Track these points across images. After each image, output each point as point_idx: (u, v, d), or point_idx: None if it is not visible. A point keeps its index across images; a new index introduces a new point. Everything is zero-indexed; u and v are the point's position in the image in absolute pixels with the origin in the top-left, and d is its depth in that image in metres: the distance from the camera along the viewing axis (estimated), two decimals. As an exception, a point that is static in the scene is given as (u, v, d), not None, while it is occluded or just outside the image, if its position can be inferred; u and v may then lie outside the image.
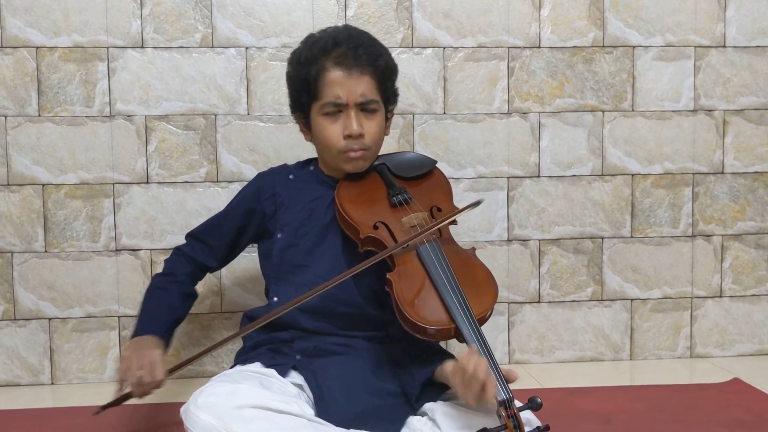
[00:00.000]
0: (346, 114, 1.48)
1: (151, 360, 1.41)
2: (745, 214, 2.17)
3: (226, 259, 1.70)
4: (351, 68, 1.46)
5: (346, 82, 1.46)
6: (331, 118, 1.49)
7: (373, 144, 1.52)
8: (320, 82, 1.47)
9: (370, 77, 1.49)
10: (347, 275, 1.38)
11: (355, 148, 1.49)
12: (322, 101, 1.49)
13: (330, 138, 1.50)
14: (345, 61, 1.47)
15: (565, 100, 2.10)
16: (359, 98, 1.48)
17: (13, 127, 1.98)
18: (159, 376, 1.40)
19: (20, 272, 2.00)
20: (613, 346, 2.16)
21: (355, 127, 1.47)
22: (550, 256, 2.12)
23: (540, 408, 1.21)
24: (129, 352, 1.44)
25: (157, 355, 1.42)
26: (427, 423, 1.34)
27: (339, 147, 1.50)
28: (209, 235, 1.66)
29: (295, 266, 1.53)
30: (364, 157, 1.52)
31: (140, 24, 1.99)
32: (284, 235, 1.56)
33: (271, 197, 1.61)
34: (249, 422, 1.21)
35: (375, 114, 1.51)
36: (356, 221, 1.46)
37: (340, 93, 1.47)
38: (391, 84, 1.57)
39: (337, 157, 1.52)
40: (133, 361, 1.41)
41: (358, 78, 1.47)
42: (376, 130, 1.52)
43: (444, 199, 1.56)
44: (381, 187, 1.55)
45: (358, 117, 1.48)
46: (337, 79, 1.47)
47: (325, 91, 1.47)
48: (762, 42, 2.14)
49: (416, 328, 1.32)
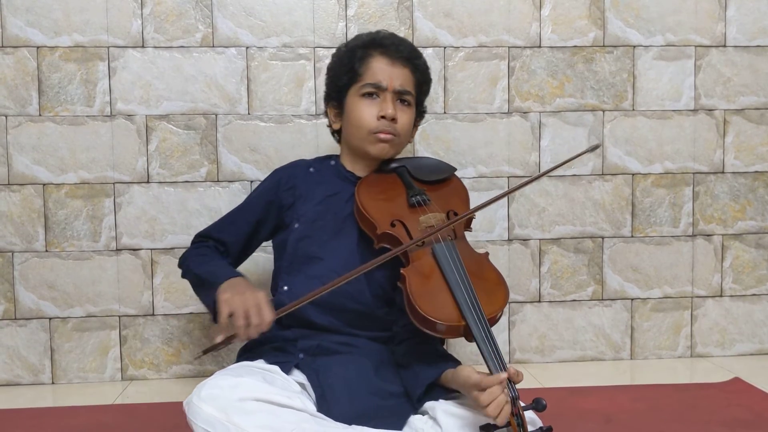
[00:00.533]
0: (383, 98, 1.56)
1: (256, 301, 1.35)
2: (745, 213, 2.17)
3: (240, 255, 1.69)
4: (395, 59, 1.57)
5: (389, 69, 1.56)
6: (369, 100, 1.56)
7: (402, 133, 1.58)
8: (364, 65, 1.57)
9: (411, 72, 1.59)
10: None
11: (386, 130, 1.55)
12: (362, 82, 1.56)
13: (364, 118, 1.56)
14: (389, 52, 1.57)
15: (566, 99, 2.10)
16: (398, 86, 1.56)
17: (14, 126, 1.97)
18: (268, 316, 1.34)
19: (21, 272, 2.00)
20: (614, 345, 2.16)
21: (391, 110, 1.54)
22: (551, 255, 2.13)
23: (544, 409, 1.21)
24: (229, 295, 1.37)
25: (263, 296, 1.36)
26: (428, 422, 1.34)
27: (371, 127, 1.55)
28: (224, 233, 1.66)
29: (308, 257, 1.54)
30: (393, 142, 1.57)
31: (141, 23, 1.99)
32: (301, 226, 1.58)
33: (290, 189, 1.63)
34: (251, 415, 1.22)
35: (408, 107, 1.60)
36: (374, 218, 1.48)
37: (382, 78, 1.56)
38: (426, 89, 1.66)
39: (366, 139, 1.57)
40: (235, 304, 1.34)
41: (401, 69, 1.57)
42: (407, 121, 1.59)
43: (461, 206, 1.59)
44: (400, 188, 1.58)
45: (394, 103, 1.56)
46: (380, 65, 1.56)
47: (367, 74, 1.56)
48: (762, 41, 2.14)
49: (426, 323, 1.33)
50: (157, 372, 2.04)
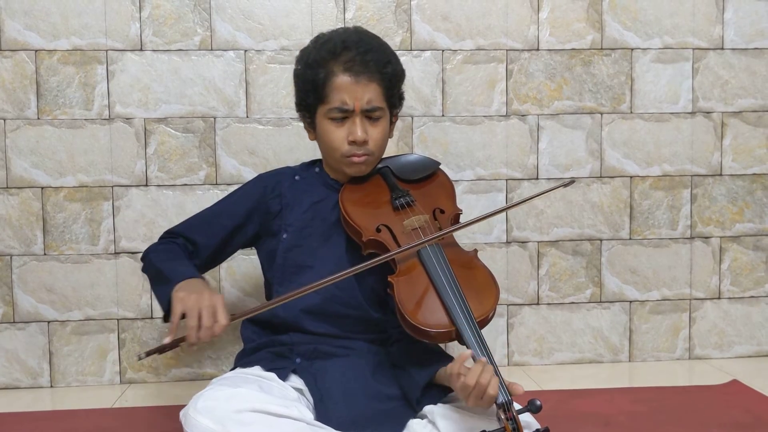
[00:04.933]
0: (351, 120, 1.48)
1: (211, 302, 1.30)
2: (743, 215, 2.17)
3: (210, 260, 1.60)
4: (359, 75, 1.46)
5: (354, 88, 1.46)
6: (337, 123, 1.49)
7: (376, 149, 1.52)
8: (328, 86, 1.47)
9: (377, 84, 1.49)
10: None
11: (358, 153, 1.50)
12: (328, 106, 1.48)
13: (334, 142, 1.50)
14: (353, 67, 1.46)
15: (564, 102, 2.11)
16: (365, 105, 1.47)
17: (12, 130, 1.98)
18: (222, 320, 1.30)
19: (19, 275, 2.00)
20: (612, 347, 2.16)
21: (360, 134, 1.47)
22: (549, 257, 2.13)
23: (539, 410, 1.21)
24: (185, 294, 1.32)
25: (219, 299, 1.32)
26: (427, 426, 1.34)
27: (343, 151, 1.50)
28: (197, 233, 1.57)
29: (298, 267, 1.53)
30: (367, 162, 1.52)
31: (139, 27, 1.99)
32: (289, 236, 1.55)
33: (277, 197, 1.59)
34: (248, 426, 1.22)
35: (380, 120, 1.51)
36: (359, 224, 1.47)
37: (347, 99, 1.47)
38: (398, 89, 1.58)
39: (340, 161, 1.52)
40: (190, 304, 1.30)
41: (366, 85, 1.47)
42: (380, 136, 1.52)
43: (447, 201, 1.56)
44: (384, 190, 1.56)
45: (363, 123, 1.48)
46: (344, 85, 1.46)
47: (332, 96, 1.47)
48: (760, 44, 2.14)
49: (417, 331, 1.33)
50: (156, 375, 2.04)
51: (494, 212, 1.55)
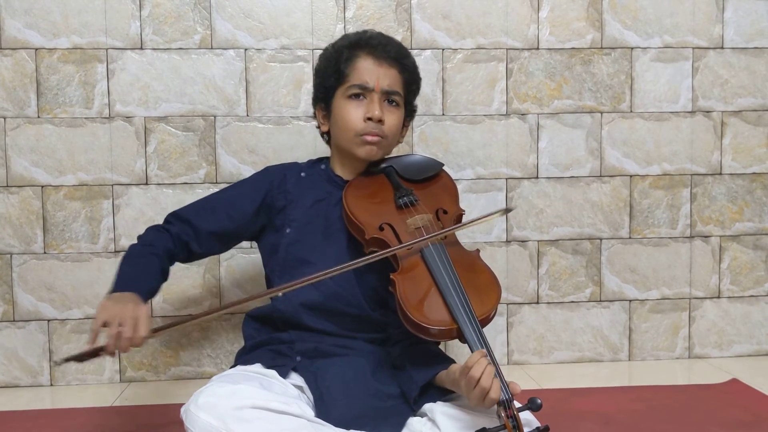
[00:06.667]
0: (370, 99, 1.53)
1: (135, 314, 1.31)
2: (743, 215, 2.17)
3: (211, 247, 1.60)
4: (381, 59, 1.54)
5: (376, 69, 1.53)
6: (355, 101, 1.53)
7: (390, 134, 1.55)
8: (350, 66, 1.54)
9: (398, 72, 1.56)
10: (349, 267, 1.38)
11: (373, 131, 1.52)
12: (349, 83, 1.53)
13: (351, 119, 1.53)
14: (376, 52, 1.54)
15: (564, 101, 2.11)
16: (386, 87, 1.53)
17: (13, 128, 1.98)
18: (142, 331, 1.30)
19: (19, 273, 2.00)
20: (612, 346, 2.16)
21: (377, 111, 1.51)
22: (549, 257, 2.13)
23: (540, 409, 1.21)
24: (110, 303, 1.33)
25: (143, 311, 1.32)
26: (427, 424, 1.34)
27: (358, 129, 1.52)
28: (199, 219, 1.57)
29: (300, 262, 1.53)
30: (380, 144, 1.54)
31: (139, 25, 1.99)
32: (292, 231, 1.56)
33: (282, 192, 1.59)
34: (249, 423, 1.22)
35: (396, 108, 1.57)
36: (362, 222, 1.47)
37: (368, 78, 1.53)
38: (416, 88, 1.63)
39: (353, 141, 1.54)
40: (113, 312, 1.31)
41: (387, 69, 1.54)
42: (395, 122, 1.56)
43: (450, 202, 1.57)
44: (388, 189, 1.56)
45: (381, 104, 1.53)
46: (367, 66, 1.53)
47: (353, 75, 1.53)
48: (760, 43, 2.14)
49: (419, 328, 1.33)
50: (156, 374, 2.04)
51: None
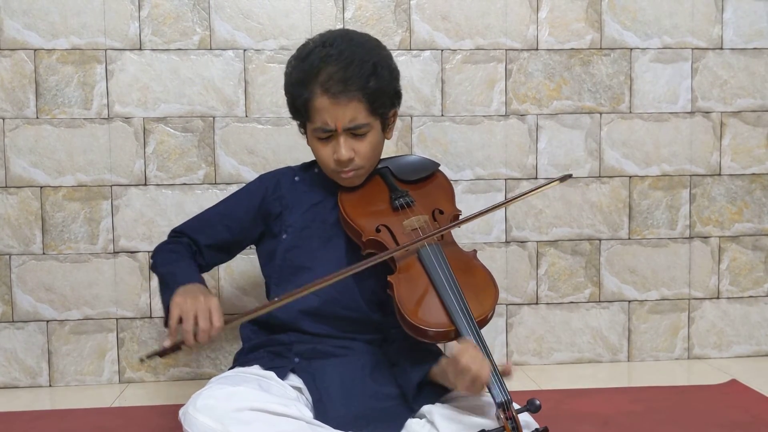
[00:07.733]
0: (335, 140, 1.46)
1: (207, 305, 1.32)
2: (742, 215, 2.17)
3: (215, 259, 1.63)
4: (338, 95, 1.41)
5: (334, 109, 1.42)
6: (324, 141, 1.48)
7: (366, 162, 1.50)
8: (309, 107, 1.45)
9: (359, 101, 1.43)
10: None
11: (346, 170, 1.49)
12: (312, 125, 1.48)
13: (322, 159, 1.50)
14: (332, 87, 1.41)
15: (563, 102, 2.11)
16: (348, 124, 1.44)
17: (11, 129, 1.97)
18: (217, 322, 1.31)
19: (18, 274, 2.00)
20: (611, 347, 2.16)
21: (344, 153, 1.45)
22: (548, 257, 2.13)
23: (539, 410, 1.22)
24: (182, 298, 1.34)
25: (215, 301, 1.34)
26: (426, 425, 1.34)
27: (331, 167, 1.49)
28: (200, 234, 1.59)
29: (297, 268, 1.52)
30: (357, 175, 1.51)
31: (138, 26, 1.99)
32: (289, 236, 1.55)
33: (277, 199, 1.58)
34: (248, 425, 1.21)
35: (366, 135, 1.47)
36: (359, 224, 1.47)
37: (328, 120, 1.44)
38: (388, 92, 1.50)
39: (332, 174, 1.52)
40: (186, 307, 1.32)
41: (346, 104, 1.42)
42: (369, 149, 1.48)
43: (446, 202, 1.56)
44: (383, 191, 1.55)
45: (347, 142, 1.45)
46: (324, 106, 1.43)
47: (314, 116, 1.46)
48: (759, 44, 2.14)
49: (417, 330, 1.33)
50: (155, 375, 2.04)
51: (494, 207, 1.54)
